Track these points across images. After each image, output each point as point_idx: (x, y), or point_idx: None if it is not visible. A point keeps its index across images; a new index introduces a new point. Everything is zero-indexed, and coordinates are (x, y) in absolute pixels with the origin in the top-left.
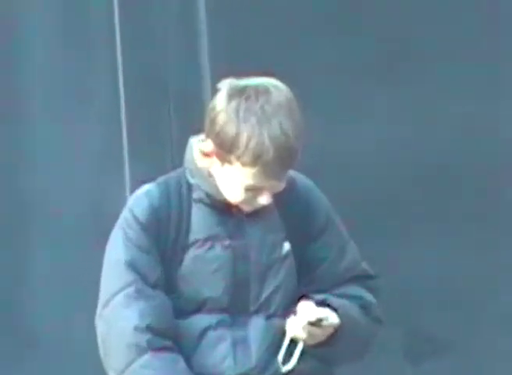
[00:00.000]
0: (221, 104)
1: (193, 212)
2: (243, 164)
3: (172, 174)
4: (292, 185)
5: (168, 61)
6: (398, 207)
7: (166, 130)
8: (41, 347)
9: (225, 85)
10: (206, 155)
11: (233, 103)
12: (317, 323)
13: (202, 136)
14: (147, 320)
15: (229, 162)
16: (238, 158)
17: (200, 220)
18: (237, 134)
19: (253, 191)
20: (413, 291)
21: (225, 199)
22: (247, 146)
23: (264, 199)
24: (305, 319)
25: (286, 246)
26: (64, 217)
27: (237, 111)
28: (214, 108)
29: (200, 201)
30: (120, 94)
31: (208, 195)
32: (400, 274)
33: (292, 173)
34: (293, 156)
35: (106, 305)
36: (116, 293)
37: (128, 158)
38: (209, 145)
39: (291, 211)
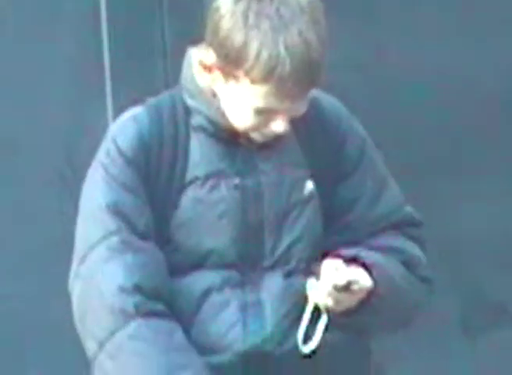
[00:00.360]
0: (226, 5)
1: (191, 143)
2: (253, 80)
3: (166, 95)
4: (316, 109)
5: None
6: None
7: (158, 39)
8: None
9: None
10: (206, 68)
11: (241, 4)
12: (345, 288)
13: (203, 46)
14: (134, 278)
15: (236, 79)
16: (246, 73)
17: (200, 153)
18: (245, 43)
19: (265, 114)
20: (470, 248)
21: (231, 127)
22: (257, 58)
23: (278, 125)
24: (331, 283)
25: (309, 185)
26: (32, 152)
27: (246, 14)
28: (217, 10)
29: (200, 129)
30: (100, 1)
31: (210, 122)
32: (451, 228)
33: (316, 92)
34: (316, 72)
35: (83, 260)
36: (96, 244)
37: (110, 76)
38: (211, 56)
39: (315, 142)
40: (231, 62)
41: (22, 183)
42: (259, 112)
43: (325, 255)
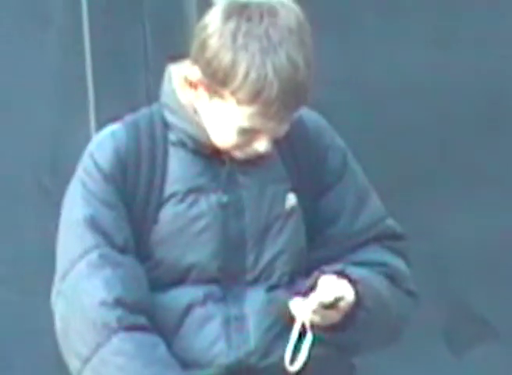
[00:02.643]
0: (215, 24)
1: (169, 159)
2: (239, 101)
3: (144, 111)
4: (297, 123)
5: None
6: (427, 159)
7: (140, 53)
8: None
9: (222, 0)
10: (191, 84)
11: (231, 24)
12: (332, 305)
13: (185, 62)
14: (115, 292)
15: (221, 97)
16: (233, 93)
17: (179, 168)
18: (234, 63)
19: (248, 134)
20: (456, 261)
21: (211, 143)
22: (245, 79)
23: (262, 145)
24: (317, 300)
25: (291, 199)
26: (13, 164)
27: (235, 34)
28: (205, 29)
29: (179, 144)
30: (82, 9)
31: (190, 138)
32: (437, 239)
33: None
34: (302, 94)
35: (64, 277)
36: (76, 261)
37: (93, 90)
38: (196, 73)
39: (297, 156)
40: (217, 81)
41: (3, 194)
42: (243, 131)
43: (308, 271)
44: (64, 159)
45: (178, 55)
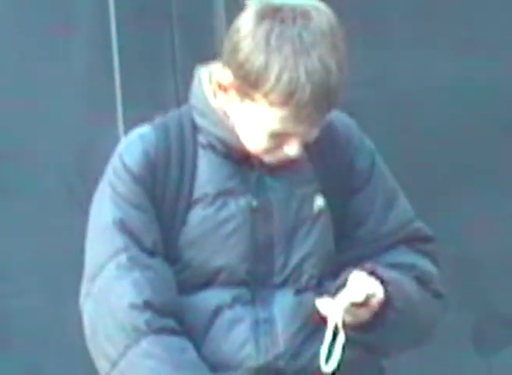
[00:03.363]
0: (248, 26)
1: (199, 161)
2: (271, 103)
3: (173, 114)
4: (327, 125)
5: None
6: (463, 161)
7: (168, 57)
8: (17, 332)
9: (255, 2)
10: (222, 88)
11: (264, 26)
12: (363, 303)
13: (215, 65)
14: (144, 295)
15: (252, 100)
16: (265, 95)
17: (208, 171)
18: (266, 66)
19: (279, 137)
20: (484, 263)
21: (242, 147)
22: (277, 81)
23: (292, 149)
24: (348, 299)
25: (320, 201)
26: (41, 168)
27: (268, 36)
28: (238, 31)
29: (209, 146)
30: (110, 13)
31: (221, 141)
32: (464, 243)
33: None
34: (334, 98)
35: (93, 279)
36: (105, 263)
37: (121, 96)
38: (227, 76)
39: (326, 158)
40: (250, 83)
41: (32, 196)
42: (274, 135)
43: (336, 274)
44: (91, 161)
45: (207, 58)
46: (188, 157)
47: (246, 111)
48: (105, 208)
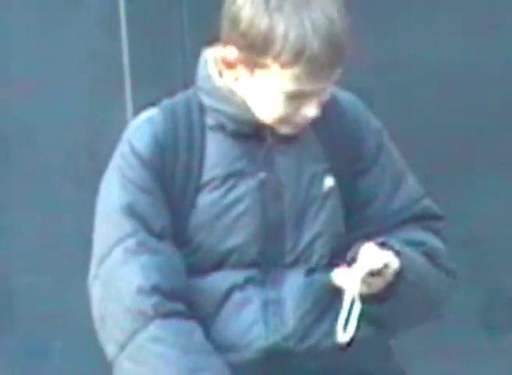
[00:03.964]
0: None
1: (208, 143)
2: (283, 64)
3: (181, 96)
4: (334, 105)
5: None
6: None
7: (177, 38)
8: (21, 312)
9: None
10: (229, 65)
11: None
12: (379, 272)
13: (219, 47)
14: (152, 279)
15: (264, 67)
16: (275, 58)
17: (217, 153)
18: (271, 27)
19: (296, 100)
20: (490, 245)
21: (251, 122)
22: (285, 39)
23: (310, 110)
24: (366, 268)
25: (329, 181)
26: (50, 150)
27: (267, 2)
28: (234, 2)
29: (218, 128)
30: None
31: (230, 119)
32: (473, 224)
33: (333, 90)
34: (342, 48)
35: (101, 262)
36: (113, 247)
37: (129, 77)
38: (232, 52)
39: (334, 138)
40: (258, 50)
41: (40, 181)
42: (291, 97)
43: (345, 254)
44: (101, 145)
45: (214, 39)
46: (196, 139)
47: (259, 81)
48: (114, 193)
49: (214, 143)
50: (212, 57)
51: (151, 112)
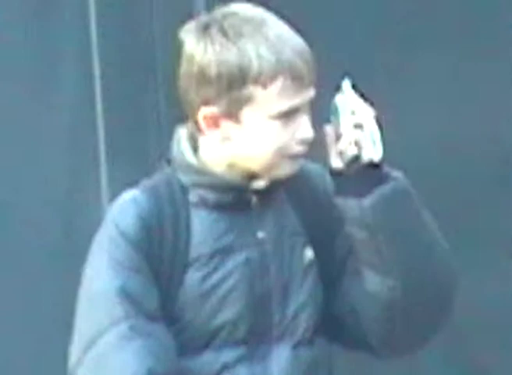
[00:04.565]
0: (198, 49)
1: (192, 221)
2: (265, 83)
3: (160, 175)
4: (304, 175)
5: (154, 34)
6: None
7: (153, 120)
8: None
9: (187, 32)
10: (212, 123)
11: (208, 35)
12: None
13: (190, 124)
14: (147, 364)
15: (248, 100)
16: (256, 80)
17: (202, 229)
18: (241, 52)
19: (290, 122)
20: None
21: (232, 187)
22: (259, 56)
23: (307, 131)
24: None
25: (308, 252)
26: (24, 231)
27: (223, 33)
28: (193, 57)
29: (200, 203)
30: (95, 74)
31: (209, 188)
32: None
33: (302, 162)
34: (311, 56)
35: (90, 347)
36: (104, 331)
37: (105, 157)
38: (211, 109)
39: (307, 207)
40: (237, 82)
41: (13, 260)
42: (284, 121)
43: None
44: (76, 226)
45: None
46: (181, 217)
47: (248, 123)
48: (102, 275)
49: (198, 220)
50: (185, 133)
51: (134, 193)
